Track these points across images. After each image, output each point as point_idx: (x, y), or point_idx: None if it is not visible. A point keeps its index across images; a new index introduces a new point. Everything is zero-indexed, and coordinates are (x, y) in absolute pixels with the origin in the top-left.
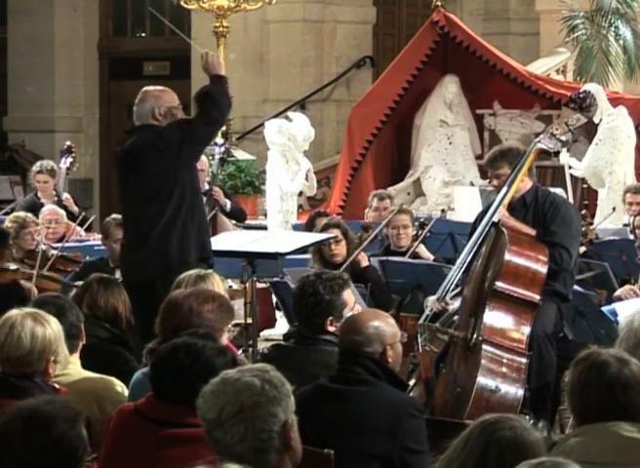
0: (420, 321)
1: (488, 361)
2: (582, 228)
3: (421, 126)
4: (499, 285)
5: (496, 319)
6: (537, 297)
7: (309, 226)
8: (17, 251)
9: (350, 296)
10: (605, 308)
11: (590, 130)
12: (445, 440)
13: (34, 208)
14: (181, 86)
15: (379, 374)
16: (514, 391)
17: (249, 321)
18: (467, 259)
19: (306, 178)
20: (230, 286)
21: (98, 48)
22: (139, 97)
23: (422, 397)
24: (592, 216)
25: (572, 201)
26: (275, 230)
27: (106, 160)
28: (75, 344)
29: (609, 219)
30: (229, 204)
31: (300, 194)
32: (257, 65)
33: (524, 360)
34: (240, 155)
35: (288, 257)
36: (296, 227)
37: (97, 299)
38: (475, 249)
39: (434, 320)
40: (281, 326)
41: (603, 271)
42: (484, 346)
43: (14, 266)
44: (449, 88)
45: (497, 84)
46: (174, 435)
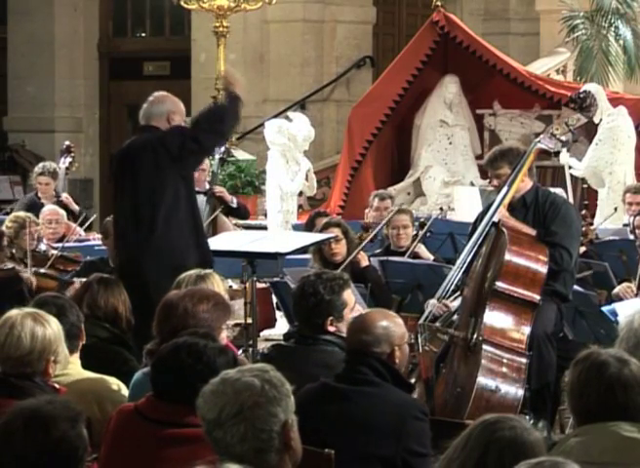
0: (421, 321)
1: (488, 361)
2: (583, 228)
3: (421, 126)
4: (499, 285)
5: (496, 319)
6: (537, 297)
7: (309, 226)
8: (16, 250)
9: (350, 296)
10: (605, 308)
11: (590, 130)
12: (445, 440)
13: (34, 208)
14: (181, 86)
15: (385, 375)
16: (514, 391)
17: (249, 321)
18: (467, 259)
19: (306, 178)
20: (230, 286)
21: (98, 48)
22: (153, 98)
23: (422, 397)
24: (592, 216)
25: (572, 201)
26: (275, 230)
27: (106, 160)
28: (75, 344)
29: (609, 219)
30: (235, 200)
31: (300, 194)
32: (257, 65)
33: (524, 360)
34: (240, 155)
35: (288, 257)
36: (296, 227)
37: (97, 299)
38: (475, 249)
39: (434, 320)
40: (281, 326)
41: (602, 271)
42: (484, 346)
43: (10, 266)
44: (449, 88)
45: (497, 84)
46: (174, 435)
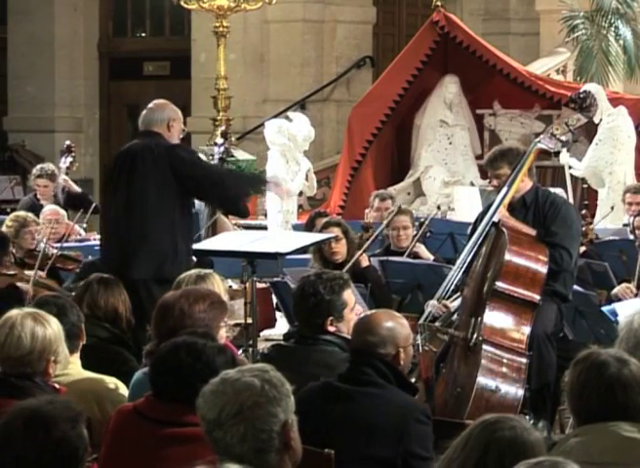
0: (421, 321)
1: (488, 361)
2: (583, 228)
3: (421, 126)
4: (499, 285)
5: (496, 319)
6: (537, 297)
7: (309, 226)
8: (17, 250)
9: (351, 297)
10: (605, 308)
11: (590, 130)
12: (445, 440)
13: (33, 209)
14: (181, 86)
15: (389, 377)
16: (514, 391)
17: (249, 321)
18: (467, 259)
19: (306, 178)
20: (230, 286)
21: (98, 48)
22: (154, 105)
23: (422, 397)
24: (592, 216)
25: (572, 201)
26: (275, 230)
27: (106, 160)
28: (76, 344)
29: (609, 219)
30: None
31: (300, 194)
32: (257, 65)
33: (524, 360)
34: (240, 155)
35: (288, 257)
36: (296, 227)
37: (97, 299)
38: (475, 249)
39: (434, 320)
40: (281, 326)
41: (602, 271)
42: (484, 346)
43: (12, 271)
44: (449, 88)
45: (497, 84)
46: (173, 434)
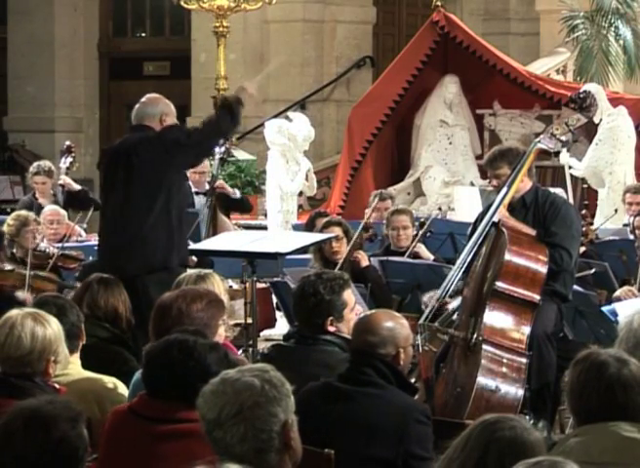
0: (421, 321)
1: (488, 361)
2: (583, 228)
3: (421, 126)
4: (499, 285)
5: (496, 319)
6: (537, 297)
7: (309, 226)
8: (17, 249)
9: (351, 297)
10: (605, 308)
11: (590, 130)
12: (445, 440)
13: (32, 208)
14: (181, 86)
15: (389, 377)
16: (514, 391)
17: (249, 321)
18: (467, 259)
19: (306, 178)
20: (230, 286)
21: (98, 48)
22: (147, 99)
23: (422, 397)
24: (592, 216)
25: (572, 201)
26: (275, 230)
27: None
28: (75, 344)
29: (609, 219)
30: (238, 192)
31: (300, 194)
32: (257, 65)
33: (524, 360)
34: (240, 155)
35: (288, 257)
36: (296, 227)
37: (97, 299)
38: (475, 249)
39: (434, 319)
40: (281, 326)
41: (603, 271)
42: (484, 346)
43: (9, 267)
44: (449, 88)
45: (497, 84)
46: (168, 431)
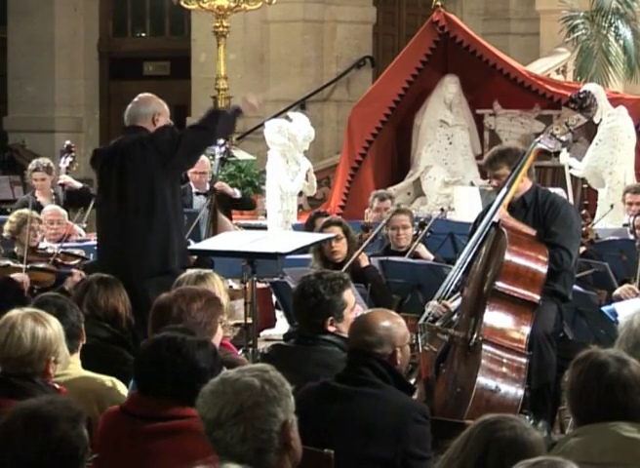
0: (421, 321)
1: (488, 361)
2: (583, 228)
3: (421, 126)
4: (499, 285)
5: (496, 319)
6: (537, 297)
7: (309, 226)
8: (18, 248)
9: (351, 297)
10: (605, 308)
11: (590, 130)
12: (445, 440)
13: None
14: (181, 86)
15: (386, 377)
16: (514, 391)
17: (249, 321)
18: (467, 259)
19: (306, 178)
20: (230, 286)
21: (98, 48)
22: (139, 99)
23: (422, 397)
24: (592, 217)
25: (572, 201)
26: (275, 230)
27: None
28: (76, 344)
29: (609, 219)
30: (238, 192)
31: (300, 194)
32: (257, 65)
33: (524, 360)
34: (240, 155)
35: (288, 257)
36: (296, 227)
37: (97, 299)
38: (475, 249)
39: (434, 320)
40: (281, 326)
41: (603, 271)
42: (484, 346)
43: (4, 262)
44: (449, 88)
45: (497, 84)
46: (160, 429)
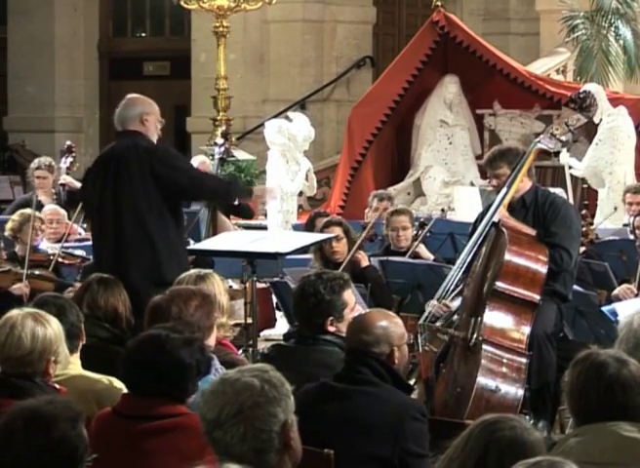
0: (421, 321)
1: (488, 361)
2: (583, 228)
3: (421, 126)
4: (499, 285)
5: (496, 319)
6: (537, 297)
7: (309, 226)
8: (19, 247)
9: (351, 297)
10: (605, 308)
11: (590, 130)
12: (445, 440)
13: (29, 206)
14: (181, 86)
15: (384, 376)
16: (514, 391)
17: (249, 321)
18: (467, 259)
19: (306, 178)
20: (230, 286)
21: (98, 48)
22: (124, 103)
23: (422, 397)
24: (592, 216)
25: (572, 201)
26: (275, 230)
27: None
28: (75, 344)
29: (609, 219)
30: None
31: (301, 194)
32: (257, 65)
33: (524, 360)
34: (240, 155)
35: (288, 257)
36: (296, 227)
37: (97, 299)
38: (475, 249)
39: (434, 320)
40: (281, 326)
41: (602, 271)
42: (484, 346)
43: (5, 267)
44: (449, 88)
45: (497, 84)
46: (152, 428)
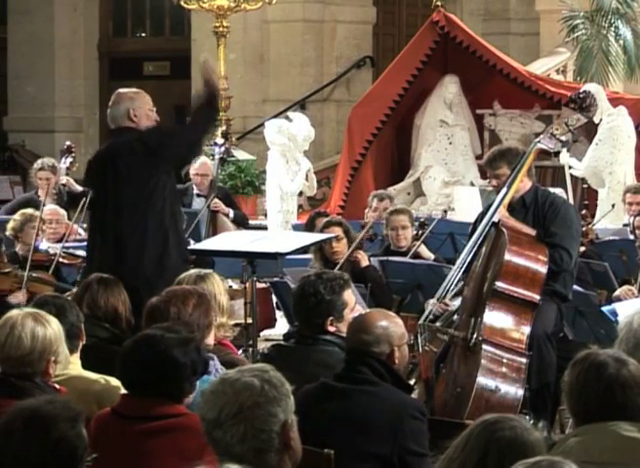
0: (421, 321)
1: (488, 361)
2: (583, 228)
3: (421, 126)
4: (499, 285)
5: (496, 319)
6: (537, 297)
7: (309, 226)
8: (21, 247)
9: (351, 297)
10: (605, 308)
11: (590, 130)
12: (445, 440)
13: (30, 205)
14: (181, 86)
15: (384, 375)
16: (514, 391)
17: (249, 321)
18: (467, 259)
19: (306, 178)
20: (230, 286)
21: (98, 48)
22: (112, 100)
23: (422, 397)
24: (592, 217)
25: (572, 201)
26: (275, 230)
27: None
28: (75, 344)
29: (609, 219)
30: (232, 212)
31: (300, 194)
32: (257, 65)
33: (524, 360)
34: (240, 155)
35: (288, 257)
36: (296, 227)
37: (97, 299)
38: (475, 249)
39: (434, 320)
40: (281, 326)
41: (603, 271)
42: (484, 346)
43: (6, 270)
44: (449, 88)
45: (497, 84)
46: (151, 428)
